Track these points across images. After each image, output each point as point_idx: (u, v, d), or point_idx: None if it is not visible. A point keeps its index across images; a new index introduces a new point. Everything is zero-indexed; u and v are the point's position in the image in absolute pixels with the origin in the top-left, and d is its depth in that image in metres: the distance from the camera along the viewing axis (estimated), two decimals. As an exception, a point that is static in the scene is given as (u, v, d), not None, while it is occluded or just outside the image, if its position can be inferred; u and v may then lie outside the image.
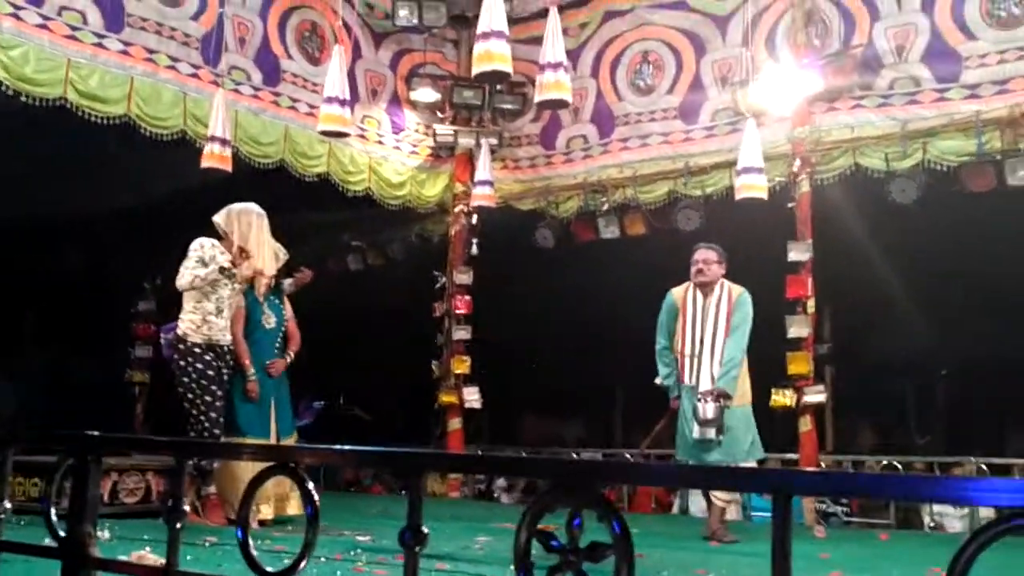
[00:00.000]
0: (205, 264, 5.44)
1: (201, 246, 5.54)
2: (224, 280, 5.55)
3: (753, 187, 7.29)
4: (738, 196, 7.40)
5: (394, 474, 10.57)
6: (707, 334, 5.77)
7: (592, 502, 1.21)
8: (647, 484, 6.61)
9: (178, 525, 1.52)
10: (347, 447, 1.40)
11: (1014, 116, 7.08)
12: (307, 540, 1.36)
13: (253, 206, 5.80)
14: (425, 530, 1.27)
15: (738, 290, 5.86)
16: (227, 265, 5.44)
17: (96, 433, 1.62)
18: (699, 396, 5.61)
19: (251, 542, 1.39)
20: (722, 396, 5.56)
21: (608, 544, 1.22)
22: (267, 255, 5.75)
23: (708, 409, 5.54)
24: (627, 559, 1.19)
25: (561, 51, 5.54)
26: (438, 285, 9.71)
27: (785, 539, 1.04)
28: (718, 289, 5.85)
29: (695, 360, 5.76)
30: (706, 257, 5.90)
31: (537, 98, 5.77)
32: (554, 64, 5.47)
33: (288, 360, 6.02)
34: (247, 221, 5.70)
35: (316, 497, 1.36)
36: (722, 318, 5.76)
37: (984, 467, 7.61)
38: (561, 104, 5.92)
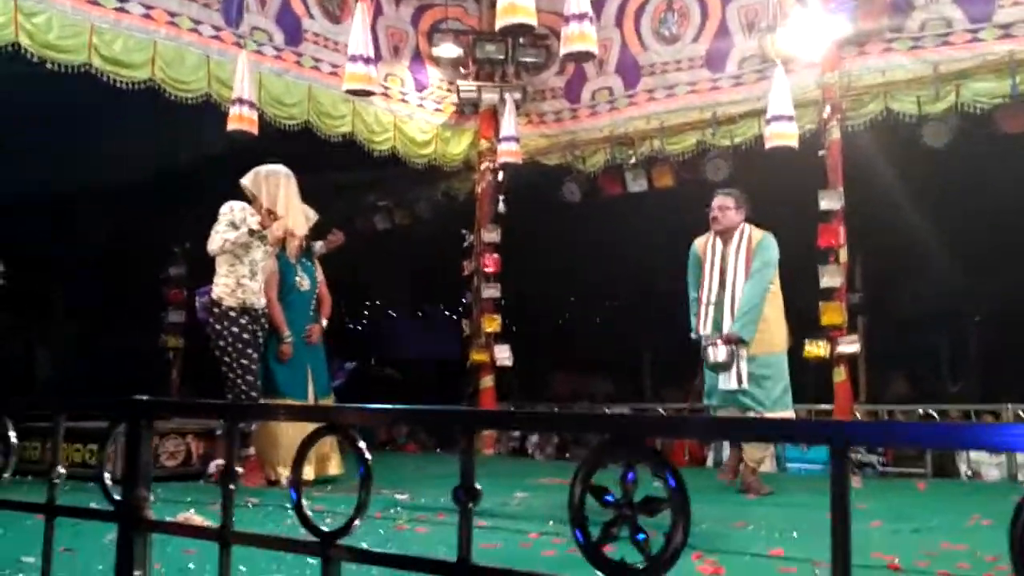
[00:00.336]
0: (236, 227, 5.45)
1: (231, 209, 5.55)
2: (256, 242, 5.57)
3: (783, 135, 7.20)
4: (768, 145, 7.32)
5: (432, 433, 10.67)
6: (728, 281, 5.54)
7: (646, 456, 1.20)
8: (698, 438, 6.66)
9: (231, 487, 1.53)
10: (398, 407, 1.40)
11: (1050, 56, 6.91)
12: (360, 500, 1.37)
13: (281, 167, 5.79)
14: (478, 487, 1.28)
15: (759, 234, 5.61)
16: (256, 227, 5.45)
17: (146, 398, 1.63)
18: (710, 340, 5.44)
19: (304, 503, 1.40)
20: (734, 341, 5.35)
21: (663, 498, 1.21)
22: (297, 216, 5.75)
23: (718, 352, 5.36)
24: (683, 512, 1.18)
25: (585, 2, 5.47)
26: (466, 243, 9.70)
27: (844, 493, 1.04)
28: (737, 235, 5.60)
29: (714, 308, 5.54)
30: (722, 203, 5.68)
31: (562, 51, 5.70)
32: (579, 15, 5.41)
33: (323, 325, 6.05)
34: (275, 182, 5.70)
35: (368, 457, 1.36)
36: (741, 264, 5.53)
37: (1021, 413, 7.54)
38: (587, 56, 5.84)
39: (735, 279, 5.50)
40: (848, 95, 7.70)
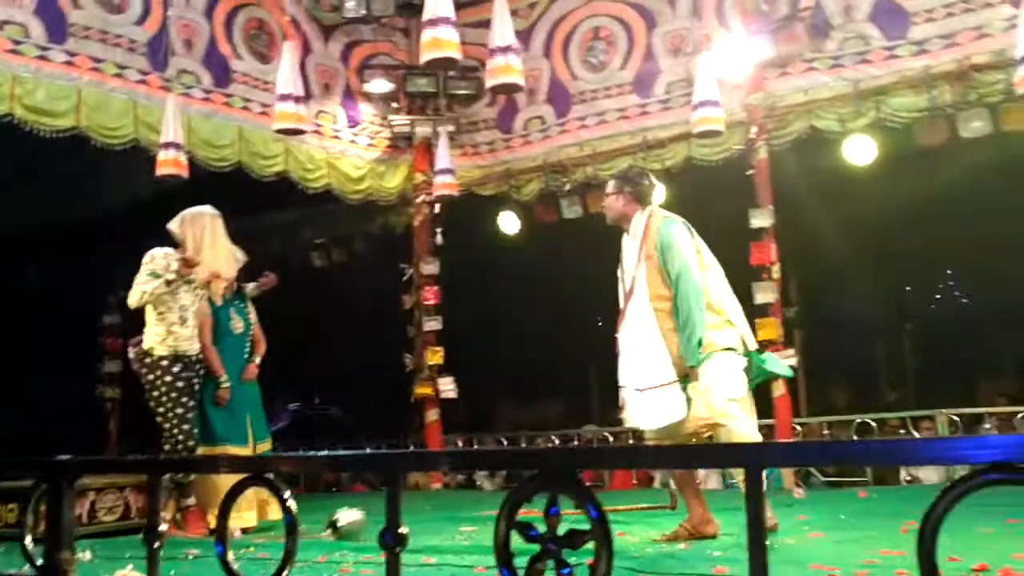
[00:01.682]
0: (157, 276, 5.35)
1: (152, 258, 5.44)
2: (183, 288, 5.47)
3: (710, 120, 7.32)
4: (695, 131, 7.45)
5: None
6: (627, 281, 4.50)
7: (567, 488, 1.22)
8: (620, 467, 6.45)
9: (156, 544, 1.50)
10: (322, 453, 1.39)
11: (963, 69, 7.17)
12: (287, 549, 1.36)
13: (206, 209, 5.72)
14: (404, 530, 1.27)
15: (659, 220, 4.45)
16: (173, 276, 5.35)
17: (67, 457, 1.60)
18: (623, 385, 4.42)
19: (231, 555, 1.38)
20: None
21: (586, 530, 1.23)
22: (223, 257, 5.66)
23: (632, 401, 4.35)
24: (606, 542, 1.19)
25: (510, 34, 5.54)
26: (405, 277, 9.69)
27: (759, 511, 1.06)
28: (634, 224, 4.50)
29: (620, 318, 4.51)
30: (606, 191, 4.73)
31: (488, 83, 5.76)
32: (503, 48, 5.47)
33: (257, 364, 5.99)
34: (200, 225, 5.62)
35: (294, 506, 1.35)
36: (632, 257, 4.46)
37: (955, 418, 7.72)
38: (514, 88, 5.91)
39: (635, 280, 4.41)
40: (773, 115, 7.90)
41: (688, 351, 4.19)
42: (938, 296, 10.69)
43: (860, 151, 7.73)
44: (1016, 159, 7.70)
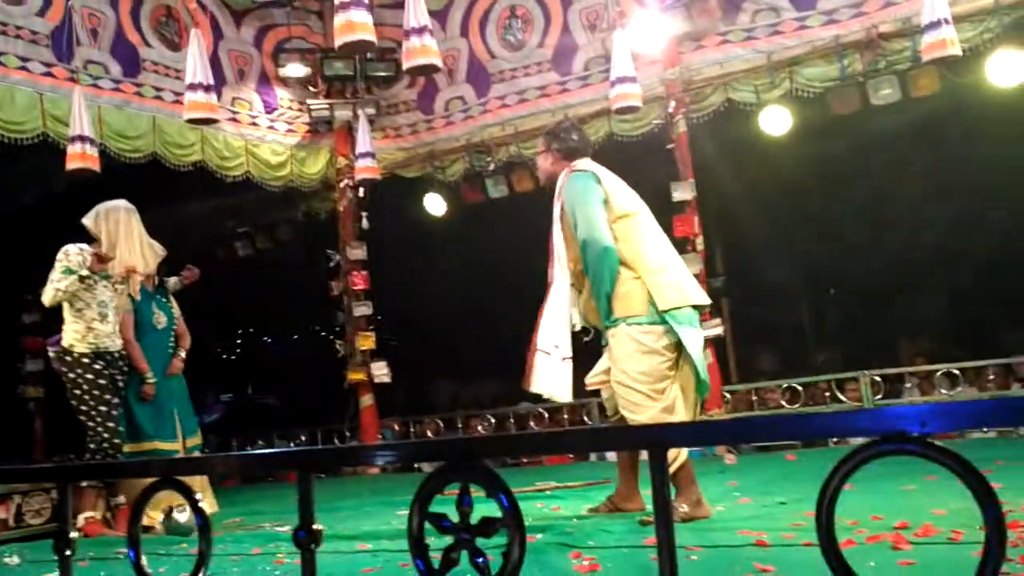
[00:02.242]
0: (72, 272, 5.23)
1: (66, 254, 5.30)
2: (101, 283, 5.35)
3: (628, 96, 7.39)
4: (614, 107, 7.50)
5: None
6: (554, 241, 4.21)
7: (477, 478, 1.22)
8: (530, 453, 6.26)
9: (67, 552, 1.48)
10: (230, 454, 1.37)
11: (871, 37, 7.33)
12: (201, 551, 1.35)
13: (121, 203, 5.59)
14: (318, 527, 1.27)
15: (567, 176, 4.22)
16: (85, 274, 5.23)
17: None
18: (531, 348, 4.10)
19: (144, 561, 1.36)
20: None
21: (499, 518, 1.23)
22: (139, 250, 5.55)
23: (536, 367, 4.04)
24: (518, 530, 1.20)
25: (424, 15, 5.50)
26: (332, 263, 9.59)
27: (664, 491, 1.08)
28: (558, 183, 4.28)
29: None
30: (536, 150, 4.70)
31: (405, 65, 5.71)
32: (418, 29, 5.43)
33: (183, 358, 5.89)
34: (115, 219, 5.50)
35: (206, 508, 1.34)
36: (556, 220, 4.21)
37: (878, 379, 7.94)
38: (431, 69, 5.87)
39: (552, 239, 4.21)
40: (690, 89, 7.99)
41: (600, 315, 4.05)
42: (857, 257, 10.94)
43: (776, 121, 7.88)
44: (923, 123, 7.93)
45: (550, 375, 4.00)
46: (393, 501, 5.83)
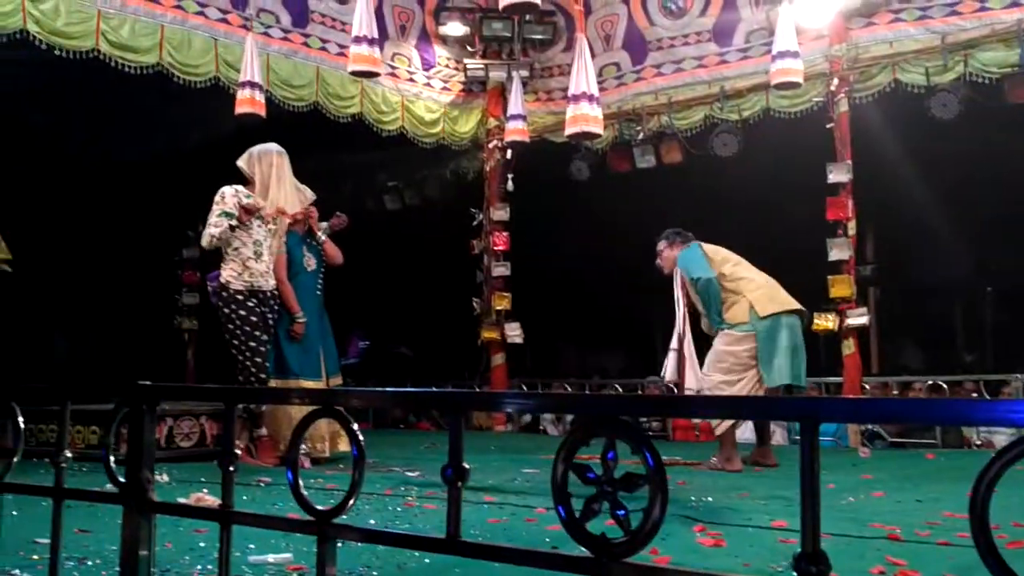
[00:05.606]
0: (228, 215, 5.49)
1: (223, 197, 5.56)
2: (256, 223, 5.59)
3: (789, 71, 7.14)
4: (773, 82, 7.29)
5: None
6: (678, 320, 5.69)
7: (625, 434, 1.24)
8: (675, 415, 6.54)
9: (231, 468, 1.58)
10: (388, 389, 1.44)
11: (1059, 23, 6.87)
12: (354, 479, 1.41)
13: (273, 146, 5.81)
14: (467, 466, 1.32)
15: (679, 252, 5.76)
16: (235, 223, 5.47)
17: (148, 382, 1.68)
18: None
19: (301, 482, 1.44)
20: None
21: (643, 474, 1.25)
22: (289, 193, 5.77)
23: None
24: (660, 488, 1.22)
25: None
26: (475, 222, 9.73)
27: (814, 466, 1.07)
28: (676, 270, 5.75)
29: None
30: (657, 250, 5.93)
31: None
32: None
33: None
34: (268, 162, 5.73)
35: (361, 438, 1.40)
36: (680, 294, 5.70)
37: (1032, 383, 7.54)
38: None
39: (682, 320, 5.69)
40: (856, 67, 7.68)
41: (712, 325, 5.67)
42: (1022, 259, 10.34)
43: (946, 106, 7.47)
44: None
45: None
46: (520, 459, 5.94)
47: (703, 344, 5.71)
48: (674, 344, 5.68)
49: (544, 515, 3.59)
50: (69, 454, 1.74)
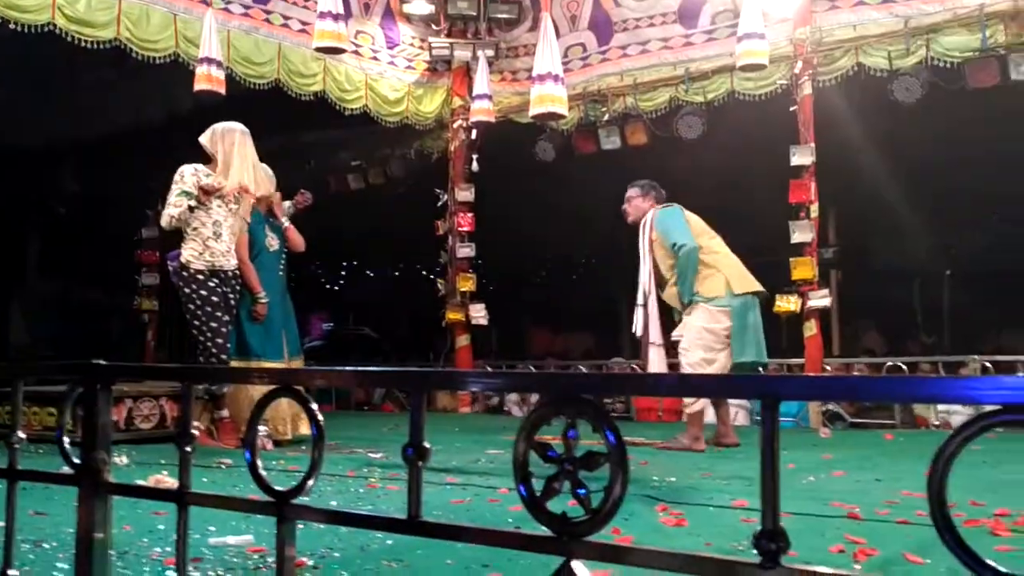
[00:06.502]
0: (187, 195, 5.40)
1: (182, 176, 5.47)
2: (216, 203, 5.50)
3: (754, 53, 7.17)
4: (738, 64, 7.31)
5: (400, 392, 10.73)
6: (642, 274, 5.68)
7: (586, 413, 1.23)
8: (636, 394, 6.70)
9: (188, 448, 1.55)
10: (348, 368, 1.42)
11: (1018, 8, 6.96)
12: (314, 460, 1.39)
13: (236, 124, 5.71)
14: (428, 445, 1.30)
15: (652, 213, 5.71)
16: (194, 203, 5.39)
17: (102, 362, 1.64)
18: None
19: (260, 463, 1.42)
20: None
21: (603, 452, 1.25)
22: (251, 172, 5.67)
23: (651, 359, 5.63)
24: (621, 466, 1.21)
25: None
26: (440, 203, 9.68)
27: (774, 443, 1.07)
28: (645, 223, 5.72)
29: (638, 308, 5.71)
30: (627, 196, 5.88)
31: None
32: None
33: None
34: (230, 139, 5.62)
35: (320, 418, 1.38)
36: (646, 249, 5.66)
37: (988, 365, 7.67)
38: None
39: (647, 270, 5.66)
40: (819, 50, 7.72)
41: (682, 297, 5.62)
42: (980, 243, 10.51)
43: (907, 90, 7.53)
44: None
45: (660, 363, 5.62)
46: (483, 440, 5.94)
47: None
48: (640, 299, 5.68)
49: (507, 496, 3.59)
50: (23, 435, 1.71)
